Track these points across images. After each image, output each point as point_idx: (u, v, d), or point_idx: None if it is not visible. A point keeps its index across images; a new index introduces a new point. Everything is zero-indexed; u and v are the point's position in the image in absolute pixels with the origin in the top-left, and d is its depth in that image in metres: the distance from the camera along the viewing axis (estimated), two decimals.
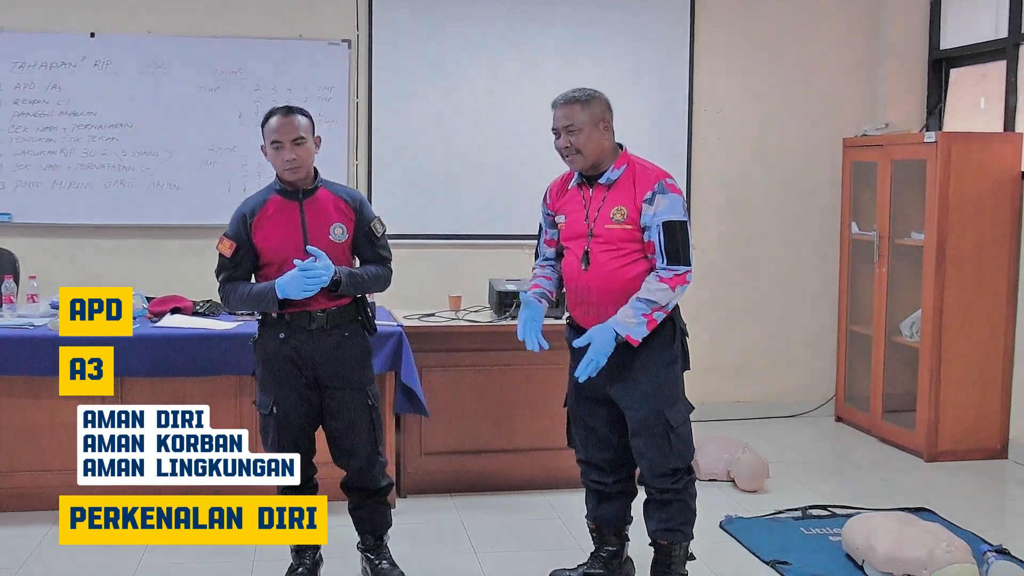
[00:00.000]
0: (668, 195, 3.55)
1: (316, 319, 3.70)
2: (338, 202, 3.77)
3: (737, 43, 6.47)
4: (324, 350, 3.72)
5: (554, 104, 3.67)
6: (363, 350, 3.84)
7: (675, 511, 3.68)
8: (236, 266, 3.76)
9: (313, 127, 3.76)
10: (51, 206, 5.87)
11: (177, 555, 4.20)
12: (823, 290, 6.67)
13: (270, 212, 3.72)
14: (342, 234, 3.74)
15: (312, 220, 3.71)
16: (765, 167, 6.56)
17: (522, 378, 4.95)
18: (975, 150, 5.70)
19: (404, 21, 6.11)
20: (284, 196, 3.73)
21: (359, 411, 3.79)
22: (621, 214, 3.57)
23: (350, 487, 3.91)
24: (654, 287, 3.50)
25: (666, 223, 3.53)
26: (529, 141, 6.22)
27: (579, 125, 3.59)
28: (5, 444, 4.59)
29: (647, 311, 3.49)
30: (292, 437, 3.74)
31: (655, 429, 3.60)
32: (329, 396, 3.77)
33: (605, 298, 3.59)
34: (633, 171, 3.62)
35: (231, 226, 3.78)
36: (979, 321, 5.75)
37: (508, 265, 5.82)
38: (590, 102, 3.63)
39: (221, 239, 3.78)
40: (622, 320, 3.50)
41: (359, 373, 3.80)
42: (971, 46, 6.25)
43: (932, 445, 5.75)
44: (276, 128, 3.66)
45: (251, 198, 3.82)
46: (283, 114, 3.69)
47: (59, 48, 5.82)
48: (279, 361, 3.74)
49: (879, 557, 3.99)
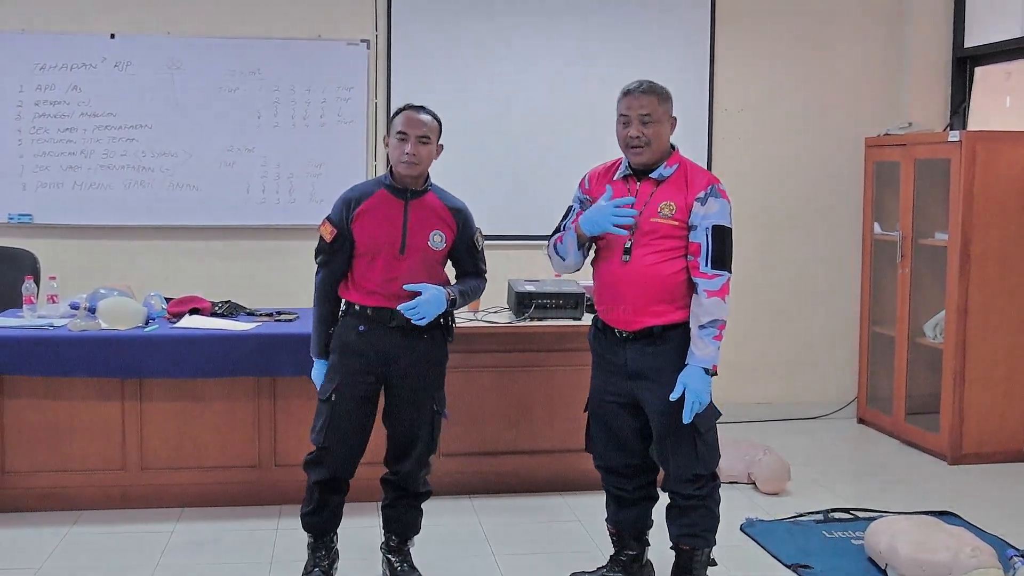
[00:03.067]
0: (720, 200, 3.52)
1: (397, 317, 3.68)
2: (444, 211, 3.76)
3: (758, 42, 6.43)
4: (400, 349, 3.71)
5: (629, 91, 3.58)
6: (439, 355, 3.82)
7: (699, 517, 3.64)
8: (334, 252, 3.74)
9: (440, 132, 3.75)
10: (71, 207, 5.89)
11: (195, 556, 4.20)
12: (845, 291, 6.62)
13: (374, 204, 3.71)
14: (440, 242, 3.73)
15: (414, 222, 3.70)
16: (787, 167, 6.52)
17: (541, 379, 4.93)
18: (1000, 149, 5.64)
19: (423, 21, 6.10)
20: (392, 192, 3.72)
21: (422, 415, 3.78)
22: (669, 209, 3.52)
23: (390, 483, 3.89)
24: (711, 305, 3.47)
25: (716, 227, 3.50)
26: (548, 141, 6.21)
27: (656, 117, 3.54)
28: (25, 444, 4.60)
29: (715, 332, 3.48)
30: (341, 429, 3.73)
31: (683, 436, 3.56)
32: (395, 396, 3.77)
33: (637, 293, 3.53)
34: (685, 170, 3.58)
35: (334, 211, 3.76)
36: (1004, 322, 5.69)
37: (527, 266, 5.81)
38: (667, 97, 3.59)
39: (324, 222, 3.76)
40: (701, 356, 3.48)
41: (430, 377, 3.79)
42: (995, 44, 6.18)
43: (956, 447, 5.69)
44: (405, 120, 3.67)
45: (359, 185, 3.83)
46: (415, 110, 3.70)
47: (79, 49, 5.84)
48: (352, 353, 3.73)
49: (902, 561, 3.94)
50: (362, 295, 3.72)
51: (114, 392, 4.62)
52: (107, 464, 4.65)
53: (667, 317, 3.54)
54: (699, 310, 3.49)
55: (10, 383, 4.56)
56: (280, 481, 4.71)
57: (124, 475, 4.67)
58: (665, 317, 3.54)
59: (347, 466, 3.79)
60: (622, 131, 3.58)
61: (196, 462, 4.70)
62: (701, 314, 3.48)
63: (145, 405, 4.65)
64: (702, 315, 3.48)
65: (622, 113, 3.58)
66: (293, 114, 6.01)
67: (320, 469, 3.78)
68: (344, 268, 3.76)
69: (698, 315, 3.49)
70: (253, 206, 6.01)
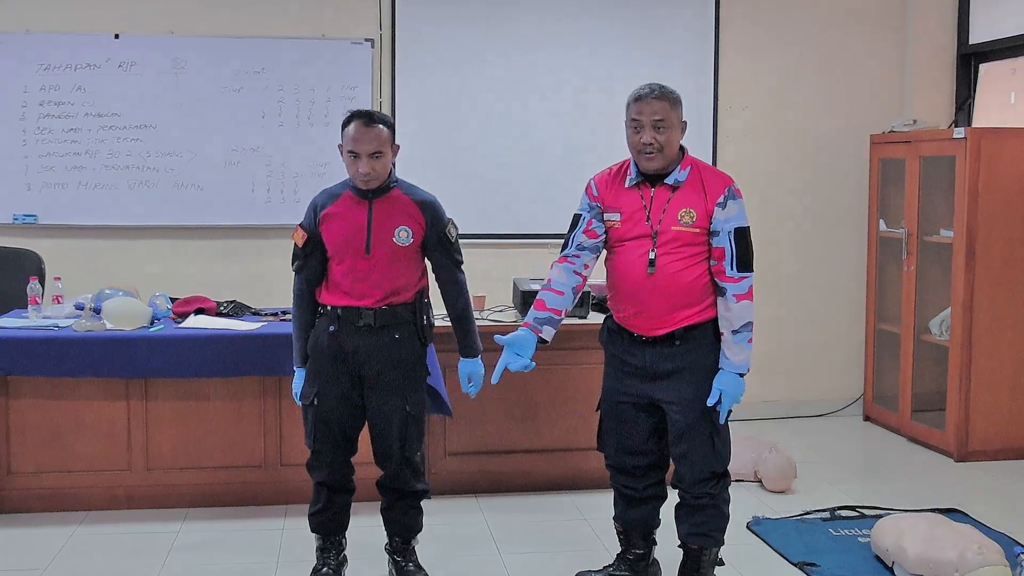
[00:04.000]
0: (737, 200, 3.52)
1: (364, 316, 3.69)
2: (410, 205, 3.74)
3: (763, 38, 6.42)
4: (369, 349, 3.71)
5: (639, 97, 3.51)
6: (413, 355, 3.80)
7: (708, 516, 3.64)
8: (307, 257, 3.76)
9: (393, 136, 3.71)
10: (76, 207, 5.90)
11: (202, 556, 4.20)
12: (851, 288, 6.61)
13: (340, 207, 3.71)
14: (407, 238, 3.71)
15: (378, 221, 3.69)
16: (792, 163, 6.50)
17: (547, 378, 4.91)
18: (1005, 145, 5.62)
19: (427, 20, 6.09)
20: (356, 194, 3.72)
21: (395, 415, 3.77)
22: (690, 216, 3.50)
23: (384, 487, 3.90)
24: (740, 310, 3.48)
25: (738, 230, 3.50)
26: (553, 140, 6.20)
27: (669, 122, 3.49)
28: (30, 445, 4.60)
29: (748, 336, 3.50)
30: (329, 433, 3.75)
31: (701, 434, 3.56)
32: (371, 395, 3.76)
33: (662, 301, 3.51)
34: (700, 173, 3.55)
35: (305, 216, 3.80)
36: (1010, 319, 5.68)
37: (533, 264, 5.80)
38: (678, 101, 3.54)
39: (296, 228, 3.79)
40: (735, 361, 3.50)
41: (403, 378, 3.77)
42: (1001, 40, 6.16)
43: (962, 445, 5.68)
44: (355, 138, 3.62)
45: (327, 189, 3.83)
46: (364, 123, 3.62)
47: (84, 49, 5.85)
48: (326, 354, 3.74)
49: (909, 559, 3.93)
50: (334, 296, 3.73)
51: (119, 392, 4.62)
52: (112, 464, 4.65)
53: (689, 320, 3.54)
54: (729, 315, 3.49)
55: (15, 384, 4.57)
56: (286, 481, 4.70)
57: (129, 475, 4.67)
58: (687, 320, 3.54)
59: (342, 466, 3.82)
60: (634, 136, 3.52)
61: (201, 462, 4.70)
62: (733, 319, 3.48)
63: (150, 405, 4.65)
64: (734, 320, 3.48)
65: (633, 118, 3.51)
66: (298, 113, 6.01)
67: (319, 471, 3.81)
68: (319, 273, 3.77)
69: (730, 320, 3.49)
70: (258, 205, 6.01)
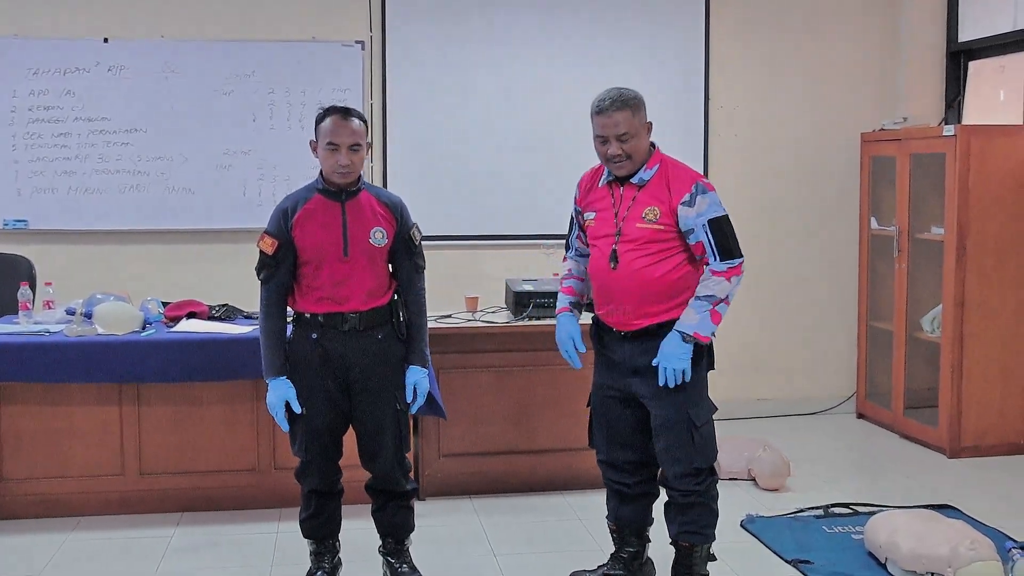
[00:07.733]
0: (707, 194, 3.52)
1: (349, 320, 3.67)
2: (379, 206, 3.73)
3: (753, 38, 6.42)
4: (356, 351, 3.69)
5: (601, 110, 3.53)
6: (396, 354, 3.79)
7: (697, 513, 3.65)
8: (278, 264, 3.68)
9: (367, 131, 3.72)
10: (67, 212, 5.88)
11: (196, 560, 4.20)
12: (843, 286, 6.62)
13: (312, 210, 3.67)
14: (382, 238, 3.70)
15: (353, 223, 3.67)
16: (782, 162, 6.51)
17: (540, 379, 4.92)
18: (995, 143, 5.64)
19: (418, 22, 6.09)
20: (327, 196, 3.69)
21: (387, 414, 3.76)
22: (654, 214, 3.52)
23: (374, 489, 3.89)
24: (710, 282, 3.49)
25: (711, 221, 3.50)
26: (543, 141, 6.21)
27: (632, 132, 3.51)
28: (23, 451, 4.59)
29: (708, 307, 3.48)
30: (319, 440, 3.73)
31: (679, 428, 3.57)
32: (358, 398, 3.74)
33: (630, 297, 3.56)
34: (666, 171, 3.57)
35: (271, 223, 3.71)
36: (1001, 315, 5.70)
37: (525, 265, 5.80)
38: (639, 106, 3.55)
39: (262, 236, 3.70)
40: (685, 321, 3.49)
41: (390, 376, 3.77)
42: (990, 38, 6.18)
43: (955, 441, 5.70)
44: (333, 130, 3.60)
45: (293, 194, 3.77)
46: (341, 116, 3.62)
47: (73, 54, 5.83)
48: (309, 363, 3.71)
49: (902, 555, 3.94)
50: (311, 303, 3.69)
51: (112, 397, 4.61)
52: (106, 469, 4.64)
53: (665, 315, 3.55)
54: (701, 284, 3.52)
55: (7, 390, 4.55)
56: (279, 484, 4.69)
57: (123, 480, 4.66)
58: (663, 316, 3.56)
59: (332, 474, 3.80)
60: (601, 148, 3.57)
61: (195, 466, 4.69)
62: (700, 289, 3.51)
63: (143, 410, 4.64)
64: (700, 289, 3.51)
65: (598, 133, 3.55)
66: (288, 116, 6.00)
67: (311, 479, 3.79)
68: (289, 280, 3.71)
69: (698, 288, 3.52)
70: (250, 209, 5.99)
